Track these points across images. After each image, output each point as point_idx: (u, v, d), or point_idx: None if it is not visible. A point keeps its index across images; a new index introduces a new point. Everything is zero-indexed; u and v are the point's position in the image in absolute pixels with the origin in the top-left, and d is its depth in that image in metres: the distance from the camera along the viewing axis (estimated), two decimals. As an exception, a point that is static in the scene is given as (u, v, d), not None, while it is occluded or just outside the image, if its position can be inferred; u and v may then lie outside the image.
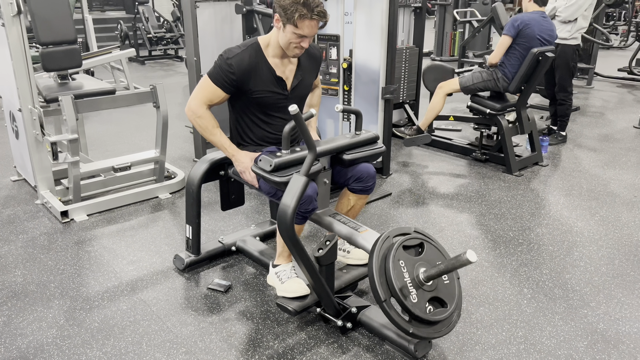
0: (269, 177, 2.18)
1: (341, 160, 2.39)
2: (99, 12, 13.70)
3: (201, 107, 2.42)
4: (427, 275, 2.03)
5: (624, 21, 10.54)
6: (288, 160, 2.21)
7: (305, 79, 2.53)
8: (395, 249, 2.05)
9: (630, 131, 5.60)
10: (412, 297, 2.00)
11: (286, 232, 2.09)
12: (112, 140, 5.23)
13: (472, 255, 1.89)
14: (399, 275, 2.01)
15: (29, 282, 2.76)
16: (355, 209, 2.61)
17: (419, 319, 2.00)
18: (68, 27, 3.91)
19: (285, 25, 2.27)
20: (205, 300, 2.62)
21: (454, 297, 2.12)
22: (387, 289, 2.01)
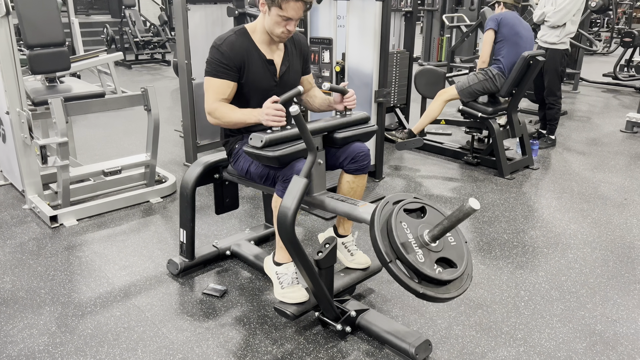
0: (261, 152, 2.12)
1: (333, 139, 2.36)
2: (83, 15, 13.58)
3: (214, 104, 2.35)
4: (432, 234, 1.91)
5: (607, 28, 10.73)
6: (279, 136, 2.16)
7: (293, 64, 2.51)
8: (396, 211, 1.95)
9: (617, 135, 5.67)
10: (419, 256, 1.88)
11: (286, 235, 2.06)
12: (101, 144, 5.15)
13: (475, 202, 1.77)
14: (402, 236, 1.90)
15: (18, 289, 2.69)
16: (357, 191, 2.51)
17: (428, 278, 1.87)
18: (56, 29, 3.85)
19: (270, 8, 2.26)
20: (200, 305, 2.57)
21: (463, 258, 1.99)
22: (391, 250, 1.89)
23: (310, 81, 2.67)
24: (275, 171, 2.28)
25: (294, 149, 2.17)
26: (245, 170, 2.44)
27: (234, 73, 2.34)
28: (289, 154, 2.15)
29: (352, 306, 2.39)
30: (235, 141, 2.50)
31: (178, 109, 6.47)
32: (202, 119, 4.52)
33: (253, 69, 2.36)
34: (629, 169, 4.56)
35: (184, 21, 4.13)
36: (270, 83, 2.43)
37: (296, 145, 2.20)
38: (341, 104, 2.45)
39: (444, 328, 2.42)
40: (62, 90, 3.80)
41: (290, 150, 2.16)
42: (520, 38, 4.26)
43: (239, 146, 2.47)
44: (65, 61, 3.90)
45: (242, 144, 2.46)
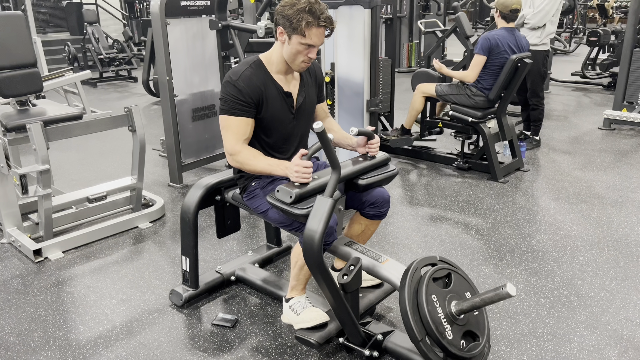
0: (289, 209, 1.99)
1: (356, 185, 2.25)
2: (41, 34, 13.08)
3: (236, 146, 2.21)
4: (459, 309, 1.93)
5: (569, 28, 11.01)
6: (308, 190, 2.03)
7: (309, 95, 2.39)
8: (426, 283, 1.94)
9: (596, 133, 5.75)
10: (448, 333, 1.89)
11: (313, 260, 1.93)
12: (76, 169, 4.89)
13: (512, 288, 1.81)
14: (433, 311, 1.90)
15: (7, 333, 2.46)
16: (366, 234, 2.48)
17: (455, 356, 1.89)
18: (27, 49, 3.62)
19: (290, 37, 2.13)
20: (212, 338, 2.40)
21: (484, 329, 2.03)
22: (422, 327, 1.89)
23: (325, 109, 2.55)
24: (299, 223, 2.13)
25: None
26: (261, 211, 2.31)
27: (252, 109, 2.19)
28: None
29: (377, 328, 2.27)
30: (252, 178, 2.35)
31: (153, 127, 6.23)
32: (186, 137, 4.35)
33: (271, 103, 2.23)
34: (616, 166, 4.61)
35: (163, 36, 3.95)
36: (288, 116, 2.30)
37: None
38: (364, 148, 2.34)
39: (472, 344, 2.32)
40: (36, 113, 3.56)
41: None
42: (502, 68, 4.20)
43: (256, 185, 2.33)
44: (38, 82, 3.68)
45: (259, 183, 2.32)
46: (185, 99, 4.30)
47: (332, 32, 2.18)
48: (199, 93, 4.39)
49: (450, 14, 9.24)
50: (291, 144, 2.37)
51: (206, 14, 4.30)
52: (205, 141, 4.51)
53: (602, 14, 9.87)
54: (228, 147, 2.22)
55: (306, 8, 2.08)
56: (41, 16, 13.42)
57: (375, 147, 2.33)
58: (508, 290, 1.80)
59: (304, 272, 2.24)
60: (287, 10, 2.10)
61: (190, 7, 4.17)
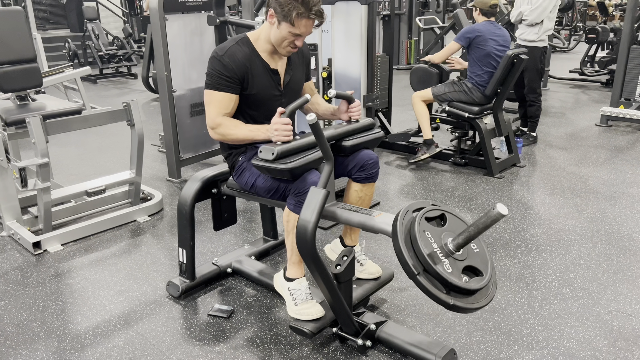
0: (273, 166, 2.03)
1: (341, 147, 2.28)
2: (41, 31, 13.11)
3: (217, 118, 2.25)
4: (456, 243, 1.85)
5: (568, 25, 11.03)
6: (291, 147, 2.07)
7: (296, 74, 2.41)
8: (418, 220, 1.88)
9: (593, 129, 5.78)
10: (446, 267, 1.81)
11: (306, 250, 1.96)
12: (75, 163, 4.92)
13: (503, 208, 1.70)
14: (427, 245, 1.83)
15: (7, 324, 2.49)
16: (365, 200, 2.44)
17: (457, 288, 1.81)
18: (26, 44, 3.65)
19: (280, 23, 2.16)
20: (208, 328, 2.44)
21: (487, 265, 1.94)
22: (417, 261, 1.82)
23: (312, 87, 2.58)
24: (285, 184, 2.17)
25: (307, 159, 2.08)
26: (250, 184, 2.32)
27: (236, 85, 2.23)
28: (302, 166, 2.06)
29: (370, 319, 2.30)
30: (238, 154, 2.38)
31: (152, 123, 6.27)
32: (185, 132, 4.38)
33: (257, 80, 2.26)
34: (612, 162, 4.64)
35: (162, 31, 3.98)
36: (275, 93, 2.33)
37: (308, 155, 2.10)
38: (346, 113, 2.37)
39: (464, 335, 2.36)
40: (36, 108, 3.59)
41: (304, 161, 2.06)
42: (492, 58, 4.25)
43: (243, 159, 2.36)
44: (37, 78, 3.71)
45: (246, 157, 2.35)
46: (184, 94, 4.33)
47: (321, 24, 2.21)
48: (197, 88, 4.42)
49: (450, 11, 9.26)
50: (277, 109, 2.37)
51: (205, 10, 4.34)
52: (204, 136, 4.54)
53: (602, 11, 9.89)
54: (209, 121, 2.26)
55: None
56: (42, 13, 13.45)
57: (357, 111, 2.36)
58: (499, 210, 1.70)
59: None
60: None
61: (188, 3, 4.21)
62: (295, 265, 2.32)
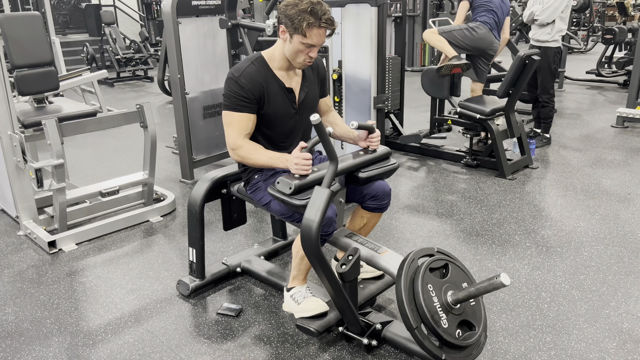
0: (289, 200, 2.06)
1: (356, 178, 2.30)
2: (60, 35, 13.35)
3: (238, 140, 2.27)
4: (455, 298, 1.96)
5: (585, 26, 10.90)
6: (308, 182, 2.09)
7: (311, 90, 2.44)
8: (422, 272, 1.98)
9: (608, 131, 5.71)
10: (443, 322, 1.92)
11: (311, 250, 1.99)
12: (91, 165, 5.01)
13: (506, 278, 1.83)
14: (429, 300, 1.93)
15: (22, 320, 2.56)
16: (368, 227, 2.52)
17: (450, 344, 1.93)
18: (43, 48, 3.74)
19: (292, 36, 2.18)
20: (216, 326, 2.47)
21: (480, 319, 2.05)
22: (417, 315, 1.92)
23: (328, 104, 2.60)
24: (300, 214, 2.19)
25: None
26: (264, 203, 2.37)
27: (253, 105, 2.25)
28: None
29: (376, 318, 2.31)
30: (255, 171, 2.41)
31: (166, 125, 6.35)
32: (197, 134, 4.44)
33: (272, 99, 2.28)
34: (627, 164, 4.58)
35: (175, 35, 4.04)
36: (290, 111, 2.35)
37: None
38: (365, 141, 2.39)
39: (470, 335, 2.35)
40: (53, 110, 3.68)
41: None
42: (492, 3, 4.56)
43: (258, 177, 2.39)
44: (54, 81, 3.79)
45: (262, 176, 2.38)
46: (197, 96, 4.39)
47: (333, 32, 2.22)
48: (210, 91, 4.48)
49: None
50: (294, 139, 2.42)
51: (217, 14, 4.39)
52: (216, 138, 4.60)
53: (621, 12, 9.75)
54: (230, 142, 2.28)
55: (308, 9, 2.12)
56: (61, 18, 13.70)
57: (376, 141, 2.37)
58: (502, 280, 1.82)
59: (305, 263, 2.29)
60: (290, 10, 2.15)
61: (201, 7, 4.26)
62: (297, 280, 2.39)
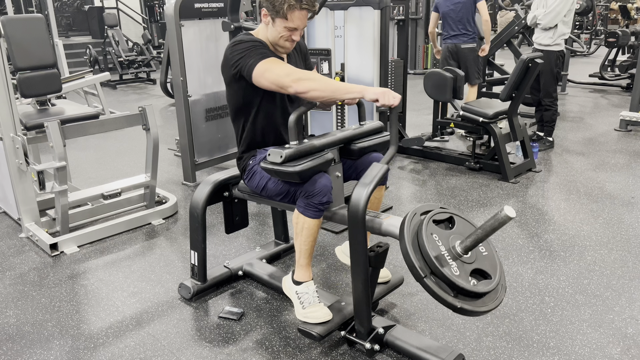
0: (281, 168, 2.07)
1: (350, 150, 2.31)
2: (63, 37, 13.39)
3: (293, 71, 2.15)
4: (464, 245, 1.84)
5: (588, 29, 10.89)
6: (299, 150, 2.11)
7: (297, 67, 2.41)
8: (426, 223, 1.89)
9: (612, 134, 5.69)
10: (454, 269, 1.81)
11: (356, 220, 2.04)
12: (93, 167, 5.01)
13: (510, 210, 1.71)
14: (434, 248, 1.83)
15: (23, 323, 2.55)
16: (374, 204, 2.44)
17: (465, 291, 1.80)
18: (46, 51, 3.74)
19: (274, 19, 2.19)
20: (218, 330, 2.46)
21: (496, 268, 1.93)
22: (424, 264, 1.82)
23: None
24: (295, 187, 2.19)
25: (315, 162, 2.11)
26: (261, 188, 2.35)
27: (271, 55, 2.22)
28: (310, 168, 2.08)
29: (378, 323, 2.30)
30: (249, 157, 2.40)
31: (169, 127, 6.35)
32: (200, 136, 4.43)
33: None
34: (631, 167, 4.56)
35: (177, 37, 4.04)
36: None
37: (316, 158, 2.13)
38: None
39: (473, 340, 2.34)
40: (55, 113, 3.68)
41: (312, 164, 2.09)
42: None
43: (253, 162, 2.38)
44: (57, 83, 3.79)
45: (256, 160, 2.37)
46: (199, 99, 4.38)
47: (314, 14, 2.23)
48: (212, 93, 4.48)
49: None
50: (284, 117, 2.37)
51: (220, 16, 4.39)
52: (218, 141, 4.59)
53: (624, 15, 9.75)
54: (292, 74, 2.12)
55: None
56: (64, 20, 13.75)
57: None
58: (506, 213, 1.70)
59: (304, 237, 2.22)
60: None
61: (204, 9, 4.26)
62: (303, 268, 2.33)
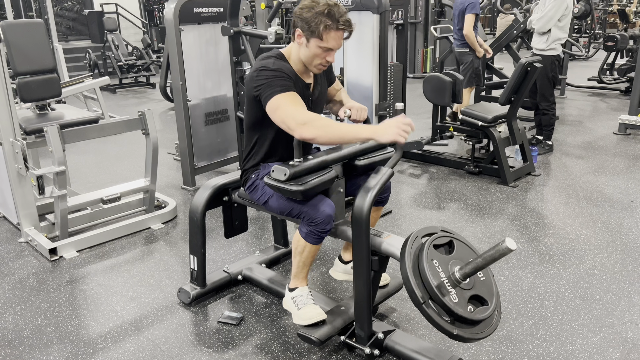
0: (285, 186, 2.06)
1: (354, 166, 2.31)
2: (63, 42, 13.41)
3: (306, 114, 2.09)
4: (463, 272, 1.87)
5: (587, 33, 10.92)
6: (304, 168, 2.11)
7: (323, 87, 2.41)
8: (426, 248, 1.91)
9: (611, 137, 5.70)
10: (452, 297, 1.84)
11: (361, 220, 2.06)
12: (93, 172, 5.01)
13: (512, 242, 1.73)
14: (434, 274, 1.85)
15: (22, 328, 2.55)
16: (372, 223, 2.48)
17: (462, 319, 1.83)
18: (46, 55, 3.75)
19: (309, 40, 2.11)
20: (217, 335, 2.46)
21: (492, 294, 1.95)
22: (424, 290, 1.85)
23: (336, 87, 2.53)
24: (299, 207, 2.17)
25: (320, 180, 2.12)
26: (263, 202, 2.34)
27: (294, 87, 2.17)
28: (314, 187, 2.09)
29: (378, 327, 2.29)
30: (252, 170, 2.39)
31: (168, 132, 6.35)
32: (199, 140, 4.43)
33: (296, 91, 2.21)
34: (630, 171, 4.56)
35: (177, 42, 4.05)
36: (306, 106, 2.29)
37: (321, 176, 2.13)
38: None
39: (474, 345, 2.34)
40: (55, 117, 3.68)
41: (316, 182, 2.10)
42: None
43: (255, 177, 2.36)
44: (56, 88, 3.80)
45: (259, 174, 2.35)
46: (199, 103, 4.39)
47: (350, 34, 2.17)
48: (212, 98, 4.48)
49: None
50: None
51: (220, 21, 4.40)
52: (218, 145, 4.59)
53: (622, 19, 9.79)
54: (298, 118, 2.06)
55: (325, 11, 2.06)
56: (64, 24, 13.78)
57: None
58: (507, 245, 1.72)
59: (304, 258, 2.25)
60: (306, 13, 2.09)
61: (203, 14, 4.27)
62: (298, 278, 2.35)
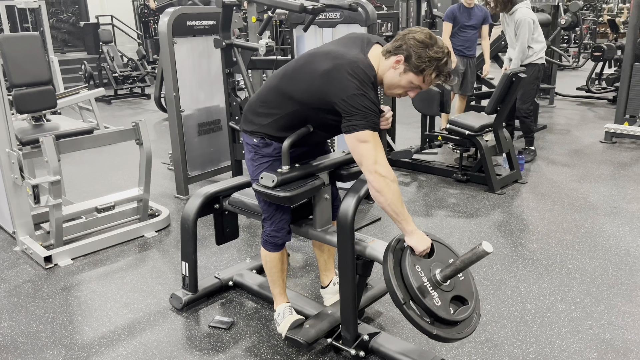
0: (273, 193, 2.15)
1: (340, 175, 2.41)
2: (59, 53, 13.50)
3: (389, 166, 2.01)
4: (444, 275, 1.94)
5: (575, 43, 11.09)
6: (292, 176, 2.20)
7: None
8: (408, 253, 2.00)
9: (597, 146, 5.81)
10: (435, 299, 1.91)
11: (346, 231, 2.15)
12: (88, 181, 5.08)
13: (488, 245, 1.81)
14: (416, 276, 1.93)
15: (17, 334, 2.61)
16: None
17: (441, 319, 1.90)
18: (41, 67, 3.83)
19: (407, 72, 2.00)
20: (208, 339, 2.53)
21: (472, 294, 2.03)
22: (405, 291, 1.92)
23: None
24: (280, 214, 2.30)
25: (306, 188, 2.20)
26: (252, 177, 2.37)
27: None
28: (301, 194, 2.18)
29: (364, 330, 2.37)
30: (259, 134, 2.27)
31: (163, 142, 6.43)
32: (192, 150, 4.52)
33: None
34: (614, 178, 4.67)
35: (170, 54, 4.14)
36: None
37: (307, 184, 2.23)
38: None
39: (456, 346, 2.42)
40: (50, 128, 3.76)
41: (302, 189, 2.18)
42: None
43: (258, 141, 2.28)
44: (52, 99, 3.88)
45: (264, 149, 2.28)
46: (192, 114, 4.48)
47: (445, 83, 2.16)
48: (205, 108, 4.58)
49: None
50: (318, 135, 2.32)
51: (213, 33, 4.49)
52: (211, 154, 4.68)
53: (612, 29, 9.94)
54: (380, 164, 1.98)
55: (441, 60, 1.99)
56: (60, 36, 13.86)
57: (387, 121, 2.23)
58: (484, 248, 1.81)
59: (270, 269, 2.43)
60: (420, 49, 1.97)
61: (196, 27, 4.37)
62: (278, 296, 2.49)
